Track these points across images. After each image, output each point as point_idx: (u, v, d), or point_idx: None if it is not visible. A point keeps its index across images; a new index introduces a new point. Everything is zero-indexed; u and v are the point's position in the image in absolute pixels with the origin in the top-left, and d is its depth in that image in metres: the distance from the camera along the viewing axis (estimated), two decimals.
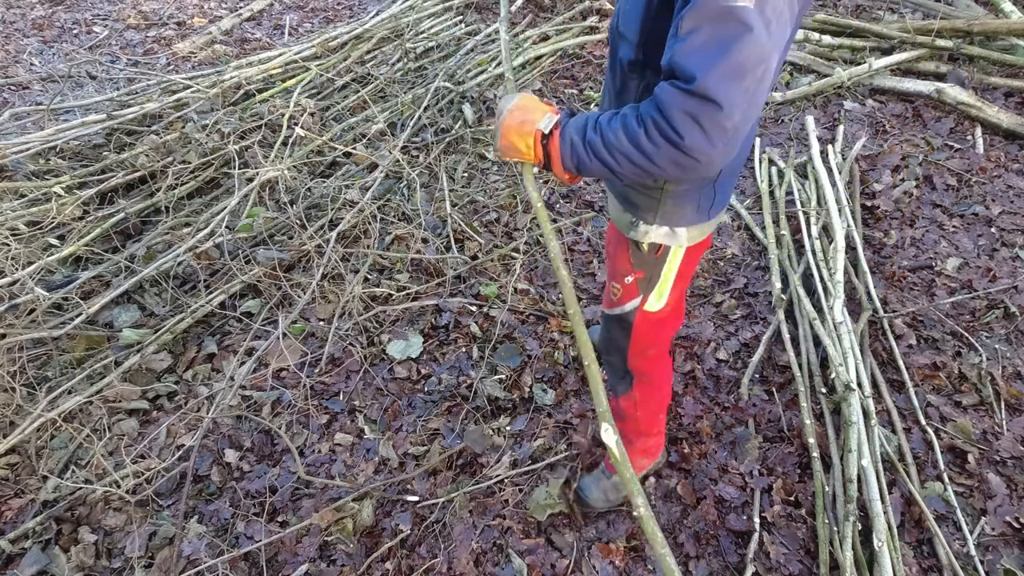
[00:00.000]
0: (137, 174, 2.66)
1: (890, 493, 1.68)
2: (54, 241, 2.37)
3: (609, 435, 0.90)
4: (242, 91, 3.22)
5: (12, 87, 3.55)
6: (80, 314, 2.05)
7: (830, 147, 2.92)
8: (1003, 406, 1.91)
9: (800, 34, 3.69)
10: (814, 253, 2.33)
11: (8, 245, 2.15)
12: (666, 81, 0.79)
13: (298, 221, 2.45)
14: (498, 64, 3.51)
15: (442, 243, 2.47)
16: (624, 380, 1.45)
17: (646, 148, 0.83)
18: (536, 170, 1.08)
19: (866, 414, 1.79)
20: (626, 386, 1.46)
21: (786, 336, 2.08)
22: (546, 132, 0.97)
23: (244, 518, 1.69)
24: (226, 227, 2.38)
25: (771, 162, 2.95)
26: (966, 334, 2.12)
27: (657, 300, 1.25)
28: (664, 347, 1.44)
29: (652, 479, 1.77)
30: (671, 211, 1.11)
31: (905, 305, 2.24)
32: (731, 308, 2.28)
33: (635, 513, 0.84)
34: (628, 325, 1.30)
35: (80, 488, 1.70)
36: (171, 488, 1.76)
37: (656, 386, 1.49)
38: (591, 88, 3.47)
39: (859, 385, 1.87)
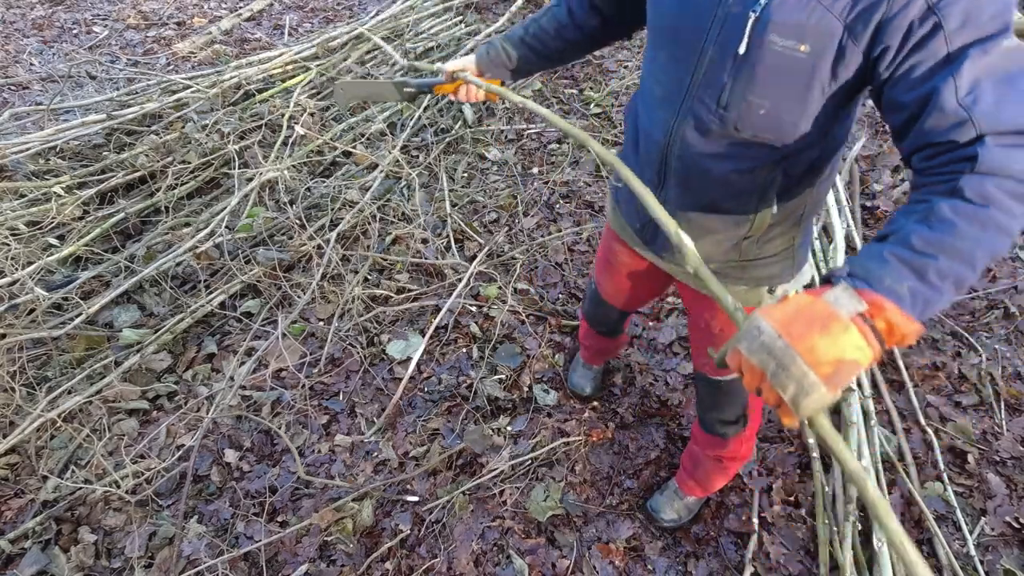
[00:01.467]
0: (137, 174, 2.66)
1: (890, 493, 1.68)
2: (54, 241, 2.37)
3: (683, 237, 0.79)
4: (242, 91, 3.22)
5: (12, 87, 3.55)
6: (80, 314, 2.05)
7: None
8: (1003, 406, 1.91)
9: None
10: (814, 253, 2.33)
11: (8, 245, 2.15)
12: (987, 142, 0.69)
13: (298, 221, 2.45)
14: None
15: (442, 243, 2.47)
16: (738, 423, 1.41)
17: (1006, 222, 0.69)
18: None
19: (866, 414, 1.79)
20: (739, 427, 1.41)
21: None
22: (860, 308, 0.66)
23: (244, 518, 1.69)
24: (226, 227, 2.39)
25: None
26: (966, 334, 2.12)
27: None
28: None
29: (654, 481, 1.77)
30: (801, 256, 1.10)
31: None
32: None
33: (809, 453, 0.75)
34: None
35: (80, 488, 1.70)
36: (171, 488, 1.76)
37: (761, 411, 1.43)
38: (591, 88, 3.47)
39: (859, 385, 1.87)
